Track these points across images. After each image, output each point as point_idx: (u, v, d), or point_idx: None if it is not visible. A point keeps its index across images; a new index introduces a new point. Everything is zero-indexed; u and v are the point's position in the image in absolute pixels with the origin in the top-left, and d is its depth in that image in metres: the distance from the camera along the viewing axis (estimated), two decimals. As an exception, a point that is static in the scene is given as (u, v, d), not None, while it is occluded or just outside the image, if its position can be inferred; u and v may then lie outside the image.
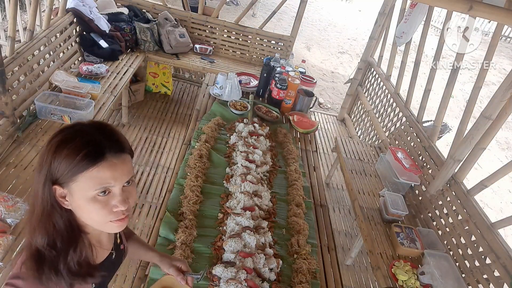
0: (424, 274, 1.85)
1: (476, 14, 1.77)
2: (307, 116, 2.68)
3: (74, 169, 0.67)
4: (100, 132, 0.71)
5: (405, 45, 3.31)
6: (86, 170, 0.67)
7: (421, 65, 3.07)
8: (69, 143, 0.68)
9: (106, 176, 0.69)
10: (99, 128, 0.72)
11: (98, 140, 0.69)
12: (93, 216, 0.71)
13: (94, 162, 0.67)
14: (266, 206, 1.73)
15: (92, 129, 0.71)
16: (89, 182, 0.68)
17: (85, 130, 0.71)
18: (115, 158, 0.70)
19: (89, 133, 0.70)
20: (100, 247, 0.85)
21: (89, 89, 2.35)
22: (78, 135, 0.69)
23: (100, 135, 0.70)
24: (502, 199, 4.32)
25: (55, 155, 0.68)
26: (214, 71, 3.34)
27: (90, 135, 0.70)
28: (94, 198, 0.69)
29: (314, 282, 1.46)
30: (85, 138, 0.69)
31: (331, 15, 10.27)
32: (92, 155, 0.67)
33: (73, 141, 0.68)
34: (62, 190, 0.70)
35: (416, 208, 2.45)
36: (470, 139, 2.10)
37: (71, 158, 0.67)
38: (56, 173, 0.68)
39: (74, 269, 0.73)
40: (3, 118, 1.98)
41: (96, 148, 0.68)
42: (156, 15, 3.46)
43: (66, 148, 0.67)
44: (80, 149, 0.67)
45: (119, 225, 0.74)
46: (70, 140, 0.68)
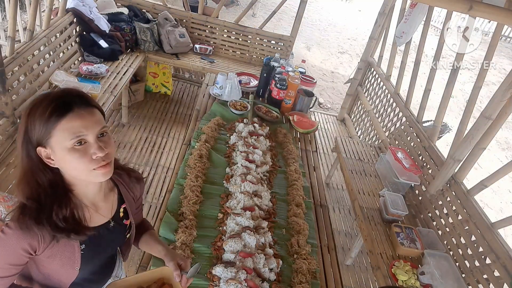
0: (424, 274, 1.85)
1: (476, 14, 1.77)
2: (307, 116, 2.68)
3: (47, 125, 0.75)
4: (67, 93, 0.79)
5: (405, 45, 3.31)
6: (57, 123, 0.75)
7: (421, 65, 3.07)
8: (39, 105, 0.76)
9: (77, 125, 0.76)
10: (67, 91, 0.80)
11: (65, 97, 0.78)
12: (76, 165, 0.78)
13: (62, 114, 0.75)
14: (266, 206, 1.73)
15: (59, 91, 0.80)
16: (63, 134, 0.75)
17: (53, 93, 0.79)
18: (83, 110, 0.78)
19: (56, 93, 0.79)
20: (96, 212, 0.92)
21: (89, 89, 2.35)
22: (45, 97, 0.78)
23: (66, 94, 0.79)
24: (502, 199, 4.32)
25: (28, 118, 0.76)
26: (214, 71, 3.34)
27: (57, 94, 0.78)
28: (72, 148, 0.77)
29: (314, 282, 1.46)
30: (52, 97, 0.77)
31: (331, 15, 10.27)
32: (59, 109, 0.75)
33: (42, 102, 0.76)
34: (46, 151, 0.78)
35: (416, 208, 2.45)
36: (470, 139, 2.10)
37: (42, 117, 0.75)
38: (34, 135, 0.77)
39: (59, 224, 0.81)
40: (3, 118, 1.98)
41: (63, 103, 0.76)
42: (156, 15, 3.46)
43: (37, 110, 0.76)
44: (48, 106, 0.75)
45: (103, 172, 0.81)
46: (39, 102, 0.77)
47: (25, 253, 0.82)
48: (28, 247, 0.81)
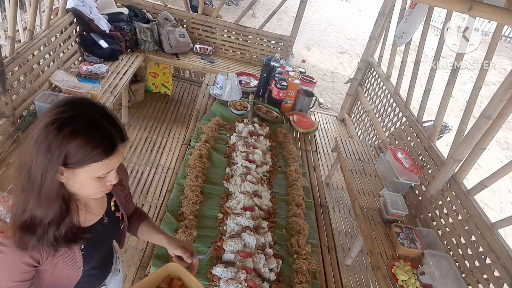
0: (424, 274, 1.85)
1: (476, 14, 1.77)
2: (307, 116, 2.68)
3: (89, 159, 0.74)
4: (109, 123, 0.77)
5: (405, 45, 3.31)
6: (101, 160, 0.76)
7: (421, 65, 3.07)
8: (85, 135, 0.73)
9: (114, 162, 0.79)
10: (104, 116, 0.78)
11: (111, 133, 0.77)
12: (91, 190, 0.81)
13: (109, 154, 0.76)
14: (266, 206, 1.73)
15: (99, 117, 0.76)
16: (100, 168, 0.77)
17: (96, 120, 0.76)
18: (122, 146, 0.80)
19: (101, 125, 0.76)
20: (89, 212, 0.92)
21: (89, 89, 2.35)
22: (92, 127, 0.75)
23: (111, 127, 0.77)
24: (502, 199, 4.33)
25: (69, 143, 0.72)
26: (214, 71, 3.34)
27: (105, 129, 0.76)
28: (97, 178, 0.79)
29: (314, 282, 1.46)
30: (101, 132, 0.75)
31: (331, 15, 10.27)
32: (108, 150, 0.76)
33: (89, 133, 0.74)
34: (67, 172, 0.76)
35: (416, 208, 2.45)
36: (470, 139, 2.09)
37: (89, 150, 0.73)
38: (69, 159, 0.74)
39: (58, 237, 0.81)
40: (3, 118, 1.98)
41: (112, 143, 0.77)
42: (156, 15, 3.46)
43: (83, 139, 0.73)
44: (98, 144, 0.74)
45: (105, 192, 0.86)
46: (85, 132, 0.73)
47: (29, 267, 0.81)
48: (31, 260, 0.80)
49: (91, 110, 0.77)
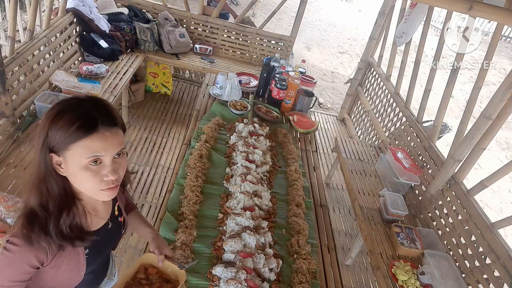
0: (424, 274, 1.85)
1: (476, 14, 1.77)
2: (307, 116, 2.68)
3: (68, 139, 0.73)
4: (94, 106, 0.77)
5: (405, 45, 3.31)
6: (79, 140, 0.73)
7: (421, 65, 3.07)
8: (65, 114, 0.74)
9: (97, 146, 0.74)
10: (94, 102, 0.78)
11: (92, 113, 0.75)
12: (85, 183, 0.78)
13: (86, 133, 0.73)
14: (266, 206, 1.73)
15: (87, 103, 0.77)
16: (81, 151, 0.74)
17: (81, 103, 0.77)
18: (107, 130, 0.76)
19: (84, 106, 0.76)
20: (96, 215, 0.92)
21: (89, 89, 2.35)
22: (74, 108, 0.75)
23: (94, 109, 0.76)
24: (502, 199, 4.33)
25: (51, 125, 0.74)
26: (214, 71, 3.34)
27: (85, 108, 0.75)
28: (86, 166, 0.75)
29: (314, 282, 1.46)
30: (80, 110, 0.75)
31: (331, 15, 10.27)
32: (85, 127, 0.73)
33: (69, 113, 0.74)
34: (58, 158, 0.76)
35: (416, 208, 2.45)
36: (470, 139, 2.09)
37: (66, 129, 0.73)
38: (52, 142, 0.74)
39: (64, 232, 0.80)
40: (3, 118, 1.98)
41: (90, 120, 0.74)
42: (156, 15, 3.46)
43: (62, 119, 0.73)
44: (74, 121, 0.73)
45: (109, 193, 0.81)
46: (66, 111, 0.74)
47: (32, 268, 0.80)
48: (36, 261, 0.79)
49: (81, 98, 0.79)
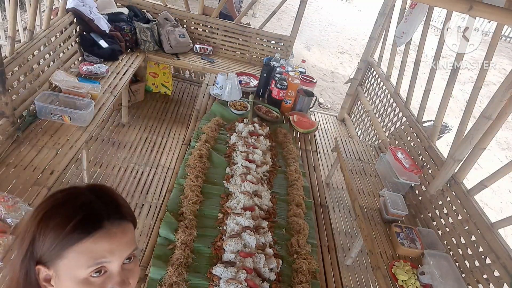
0: (424, 274, 1.85)
1: (476, 14, 1.77)
2: (307, 116, 2.68)
3: (62, 242, 0.54)
4: (96, 195, 0.59)
5: (405, 45, 3.31)
6: (78, 242, 0.54)
7: (421, 65, 3.07)
8: (58, 209, 0.56)
9: (103, 249, 0.55)
10: (94, 190, 0.60)
11: (94, 204, 0.57)
12: None
13: (88, 232, 0.54)
14: (266, 206, 1.73)
15: (86, 191, 0.59)
16: (81, 258, 0.54)
17: (78, 193, 0.59)
18: (115, 226, 0.57)
19: (82, 195, 0.58)
20: None
21: (89, 89, 2.35)
22: (69, 200, 0.57)
23: (96, 198, 0.58)
24: (502, 199, 4.32)
25: (40, 225, 0.55)
26: (214, 71, 3.34)
27: (84, 198, 0.58)
28: (85, 280, 0.55)
29: (314, 282, 1.46)
30: (77, 202, 0.57)
31: (331, 15, 10.26)
32: (86, 223, 0.55)
33: (63, 207, 0.56)
34: (47, 272, 0.57)
35: (416, 208, 2.45)
36: (470, 139, 2.09)
37: (60, 228, 0.54)
38: (41, 249, 0.55)
39: None
40: (3, 118, 1.98)
41: (92, 214, 0.56)
42: (156, 15, 3.46)
43: (55, 215, 0.55)
44: (71, 216, 0.54)
45: None
46: (60, 206, 0.56)
47: None
48: None
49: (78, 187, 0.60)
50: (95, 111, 2.31)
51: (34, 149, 1.97)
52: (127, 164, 2.91)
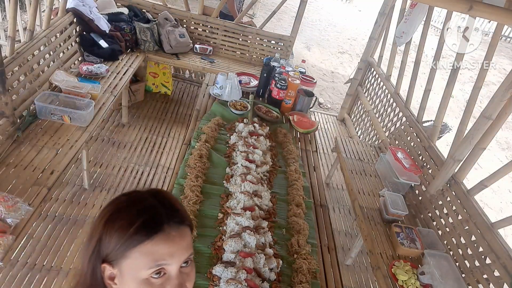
0: (424, 274, 1.85)
1: (476, 14, 1.77)
2: (307, 116, 2.68)
3: (126, 243, 0.59)
4: (157, 200, 0.64)
5: (405, 45, 3.31)
6: (141, 243, 0.58)
7: (421, 65, 3.07)
8: (123, 212, 0.61)
9: (163, 251, 0.59)
10: (155, 195, 0.65)
11: (155, 208, 0.62)
12: None
13: (150, 234, 0.59)
14: (266, 206, 1.73)
15: (148, 195, 0.64)
16: (143, 259, 0.58)
17: (140, 197, 0.64)
18: (174, 230, 0.61)
19: (144, 200, 0.63)
20: None
21: (89, 89, 2.35)
22: (132, 203, 0.63)
23: (157, 203, 0.63)
24: (502, 199, 4.32)
25: (106, 226, 0.61)
26: (214, 71, 3.34)
27: (146, 202, 0.63)
28: (146, 280, 0.59)
29: (314, 282, 1.46)
30: (140, 206, 0.62)
31: (331, 15, 10.26)
32: (148, 226, 0.59)
33: (127, 210, 0.61)
34: (111, 271, 0.62)
35: (416, 208, 2.45)
36: (470, 139, 2.09)
37: (124, 230, 0.59)
38: (107, 248, 0.60)
39: None
40: (3, 118, 1.98)
41: (153, 217, 0.60)
42: (156, 15, 3.46)
43: (119, 218, 0.60)
44: (134, 219, 0.59)
45: None
46: (124, 209, 0.62)
47: None
48: None
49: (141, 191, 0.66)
50: (95, 111, 2.31)
51: (34, 149, 1.97)
52: (127, 164, 2.91)
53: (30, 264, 1.96)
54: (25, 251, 2.01)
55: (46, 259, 2.01)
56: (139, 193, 0.65)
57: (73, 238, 2.18)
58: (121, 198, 0.64)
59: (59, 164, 1.91)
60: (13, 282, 1.86)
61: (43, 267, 1.97)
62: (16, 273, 1.90)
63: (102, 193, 2.56)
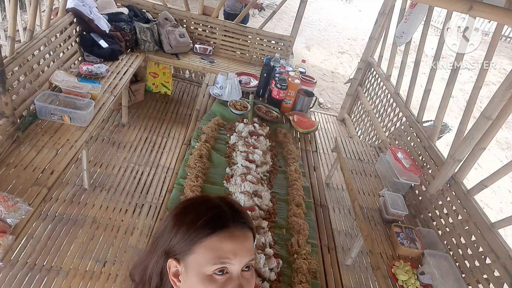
0: (424, 274, 1.85)
1: (476, 14, 1.77)
2: (307, 116, 2.68)
3: (193, 236, 0.62)
4: (224, 203, 0.68)
5: (405, 45, 3.31)
6: (206, 237, 0.62)
7: (421, 65, 3.06)
8: (192, 208, 0.66)
9: (227, 248, 0.62)
10: (223, 199, 0.69)
11: (222, 208, 0.66)
12: None
13: (215, 229, 0.62)
14: (266, 206, 1.73)
15: (216, 198, 0.69)
16: (208, 254, 0.61)
17: (209, 198, 0.69)
18: (238, 230, 0.64)
19: (213, 201, 0.68)
20: None
21: (89, 89, 2.35)
22: (202, 202, 0.68)
23: (224, 204, 0.67)
24: (502, 199, 4.32)
25: (175, 220, 0.65)
26: (214, 71, 3.34)
27: (214, 202, 0.67)
28: (210, 277, 0.61)
29: (314, 282, 1.46)
30: (208, 204, 0.66)
31: (331, 15, 10.27)
32: (214, 221, 0.63)
33: (196, 207, 0.66)
34: (177, 268, 0.64)
35: (416, 208, 2.45)
36: (470, 139, 2.09)
37: (192, 224, 0.63)
38: (174, 243, 0.64)
39: None
40: (3, 118, 1.98)
41: (219, 215, 0.64)
42: (156, 15, 3.46)
43: (189, 213, 0.65)
44: (203, 214, 0.64)
45: None
46: (194, 206, 0.67)
47: None
48: None
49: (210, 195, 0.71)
50: (95, 111, 2.31)
51: (34, 149, 1.97)
52: (127, 164, 2.91)
53: (30, 264, 1.96)
54: (25, 251, 2.01)
55: (46, 259, 2.01)
56: (208, 196, 0.71)
57: (73, 238, 2.18)
58: (191, 199, 0.70)
59: (59, 164, 1.91)
60: (13, 282, 1.86)
61: (43, 267, 1.97)
62: (16, 273, 1.90)
63: (102, 193, 2.56)
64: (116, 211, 2.45)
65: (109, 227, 2.32)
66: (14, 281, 1.86)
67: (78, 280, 1.97)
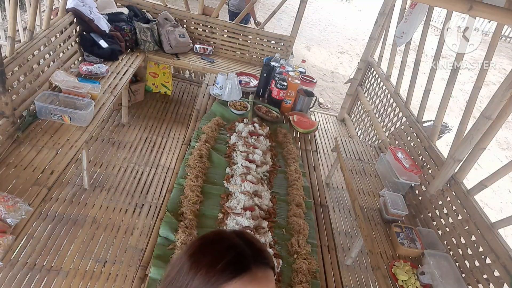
0: (424, 274, 1.85)
1: (476, 14, 1.77)
2: (307, 116, 2.68)
3: (213, 281, 0.57)
4: (241, 239, 0.63)
5: (405, 45, 3.31)
6: (228, 282, 0.56)
7: (421, 65, 3.07)
8: (209, 248, 0.60)
9: None
10: (240, 235, 0.64)
11: (242, 247, 0.61)
12: None
13: (237, 272, 0.57)
14: (266, 206, 1.73)
15: (233, 235, 0.64)
16: None
17: (226, 235, 0.64)
18: (260, 271, 0.59)
19: (230, 238, 0.63)
20: None
21: (89, 89, 2.35)
22: (218, 240, 0.62)
23: (243, 243, 0.62)
24: (502, 199, 4.32)
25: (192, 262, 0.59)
26: (214, 71, 3.34)
27: (232, 240, 0.62)
28: None
29: (314, 282, 1.46)
30: (226, 243, 0.61)
31: (331, 15, 10.26)
32: (235, 264, 0.58)
33: (214, 246, 0.61)
34: None
35: (416, 208, 2.45)
36: (470, 139, 2.09)
37: (211, 266, 0.57)
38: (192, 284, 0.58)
39: None
40: (3, 118, 1.98)
41: (240, 255, 0.59)
42: (156, 15, 3.46)
43: (206, 253, 0.59)
44: (222, 256, 0.58)
45: None
46: (210, 245, 0.61)
47: None
48: None
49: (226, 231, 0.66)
50: (95, 111, 2.31)
51: (34, 149, 1.97)
52: (127, 164, 2.91)
53: (30, 264, 1.96)
54: (25, 251, 2.01)
55: (46, 259, 2.01)
56: (224, 232, 0.66)
57: (73, 238, 2.18)
58: (206, 236, 0.64)
59: (59, 164, 1.91)
60: (13, 282, 1.86)
61: (43, 267, 1.97)
62: (16, 273, 1.90)
63: (102, 193, 2.56)
64: (116, 211, 2.45)
65: (109, 227, 2.32)
66: (14, 281, 1.86)
67: (78, 280, 1.97)
